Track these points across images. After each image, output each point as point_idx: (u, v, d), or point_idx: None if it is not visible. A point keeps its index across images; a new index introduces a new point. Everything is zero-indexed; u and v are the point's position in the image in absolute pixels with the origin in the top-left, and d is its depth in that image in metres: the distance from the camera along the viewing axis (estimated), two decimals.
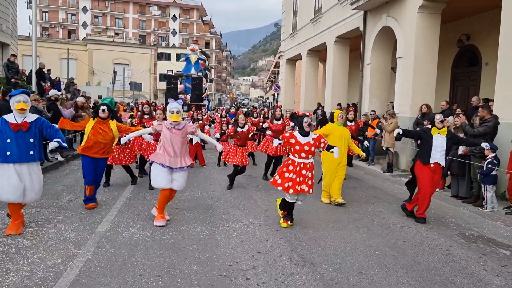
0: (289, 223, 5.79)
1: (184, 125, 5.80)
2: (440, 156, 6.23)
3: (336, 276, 4.19)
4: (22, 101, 5.06)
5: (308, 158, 5.66)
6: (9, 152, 4.97)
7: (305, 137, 5.67)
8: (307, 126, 5.69)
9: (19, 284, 3.77)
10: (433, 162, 6.22)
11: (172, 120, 5.62)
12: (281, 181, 5.64)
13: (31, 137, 5.13)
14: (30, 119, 5.20)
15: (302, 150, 5.62)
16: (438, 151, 6.22)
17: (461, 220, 6.58)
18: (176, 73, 26.68)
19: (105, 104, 6.48)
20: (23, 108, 5.05)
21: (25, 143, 5.06)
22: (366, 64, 14.09)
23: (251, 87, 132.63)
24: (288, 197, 5.74)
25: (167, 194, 5.71)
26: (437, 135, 6.26)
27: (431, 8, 10.86)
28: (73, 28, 67.70)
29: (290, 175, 5.62)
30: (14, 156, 4.99)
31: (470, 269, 4.53)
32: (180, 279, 3.99)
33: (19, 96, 5.08)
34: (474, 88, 13.08)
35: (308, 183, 5.65)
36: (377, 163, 12.03)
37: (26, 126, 5.09)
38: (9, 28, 20.43)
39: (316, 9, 19.23)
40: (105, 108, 6.39)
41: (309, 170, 5.68)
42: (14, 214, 5.19)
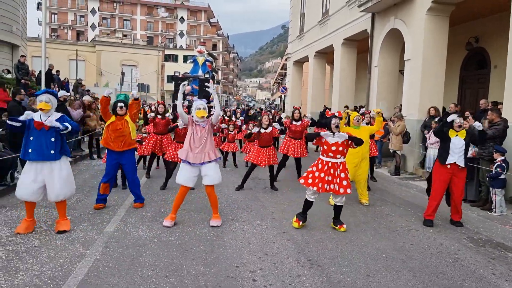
0: (301, 223, 5.81)
1: (207, 122, 5.84)
2: (458, 157, 6.14)
3: (343, 279, 4.18)
4: (44, 101, 5.14)
5: (337, 157, 5.65)
6: (30, 150, 5.08)
7: (333, 137, 5.66)
8: (334, 128, 5.67)
9: (28, 283, 3.80)
10: (450, 163, 6.17)
11: (199, 116, 5.69)
12: (312, 181, 5.64)
13: (52, 136, 5.18)
14: (53, 118, 5.24)
15: (330, 150, 5.62)
16: (456, 152, 6.15)
17: (470, 223, 6.53)
18: (183, 74, 26.72)
19: (121, 101, 6.52)
20: (42, 108, 5.13)
21: (46, 142, 5.12)
22: (373, 66, 14.05)
23: (258, 89, 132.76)
24: (308, 194, 5.78)
25: (183, 192, 5.77)
26: (456, 137, 6.20)
27: (440, 10, 10.81)
28: (82, 29, 68.22)
29: (321, 174, 5.62)
30: (34, 154, 5.08)
31: (478, 273, 4.50)
32: (187, 280, 4.00)
33: (41, 96, 5.17)
34: (483, 91, 12.99)
35: (343, 183, 5.60)
36: (384, 165, 11.99)
37: (47, 125, 5.16)
38: (19, 29, 20.63)
39: (324, 11, 19.23)
40: (123, 105, 6.44)
41: (342, 171, 5.66)
42: (28, 211, 5.31)
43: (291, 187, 8.82)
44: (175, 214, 5.83)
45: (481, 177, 7.60)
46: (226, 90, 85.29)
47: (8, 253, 4.50)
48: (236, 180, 9.21)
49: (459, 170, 6.21)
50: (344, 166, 5.74)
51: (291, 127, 9.35)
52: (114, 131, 6.35)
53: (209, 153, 5.80)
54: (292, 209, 6.91)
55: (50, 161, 5.17)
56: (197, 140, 5.73)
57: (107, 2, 69.06)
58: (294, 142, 9.32)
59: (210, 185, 5.82)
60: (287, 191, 8.42)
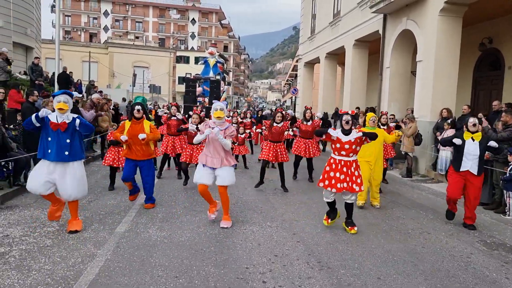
0: (330, 220, 5.89)
1: (227, 127, 5.87)
2: (472, 164, 5.99)
3: (353, 282, 4.15)
4: (63, 101, 5.19)
5: (349, 156, 5.62)
6: (50, 150, 5.16)
7: (346, 136, 5.62)
8: (345, 124, 5.64)
9: (40, 282, 3.85)
10: (464, 171, 6.04)
11: (216, 116, 5.74)
12: (328, 182, 5.65)
13: (68, 138, 5.23)
14: (69, 119, 5.29)
15: (343, 148, 5.59)
16: (469, 158, 6.00)
17: (483, 227, 6.44)
18: (195, 76, 26.85)
19: (139, 103, 6.52)
20: (61, 108, 5.18)
21: (61, 143, 5.18)
22: (385, 67, 13.96)
23: (268, 90, 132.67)
24: (325, 196, 5.80)
25: (203, 189, 5.86)
26: (470, 140, 6.06)
27: (453, 11, 10.70)
28: (95, 31, 68.98)
29: (336, 174, 5.61)
30: (52, 155, 5.16)
31: (491, 277, 4.43)
32: (197, 281, 4.02)
33: (60, 97, 5.23)
34: (496, 92, 12.82)
35: (357, 181, 5.60)
36: (396, 167, 11.90)
37: (64, 127, 5.21)
38: (33, 32, 20.96)
39: (335, 13, 19.16)
40: (140, 108, 6.44)
41: (355, 169, 5.65)
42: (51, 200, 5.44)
43: (301, 188, 8.80)
44: (212, 204, 6.03)
45: (495, 180, 7.49)
46: (237, 91, 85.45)
47: (21, 253, 4.56)
48: (246, 182, 9.23)
49: (473, 177, 6.07)
50: (357, 164, 5.72)
51: (302, 127, 9.39)
52: (131, 138, 6.35)
53: (227, 159, 5.87)
54: (302, 210, 6.90)
55: (64, 162, 5.23)
56: (214, 146, 5.79)
57: (120, 4, 69.74)
58: (306, 142, 9.34)
59: (222, 186, 5.84)
60: (298, 192, 8.40)
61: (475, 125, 6.08)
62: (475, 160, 6.01)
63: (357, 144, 5.64)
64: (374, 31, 14.75)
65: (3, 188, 7.01)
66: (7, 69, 13.37)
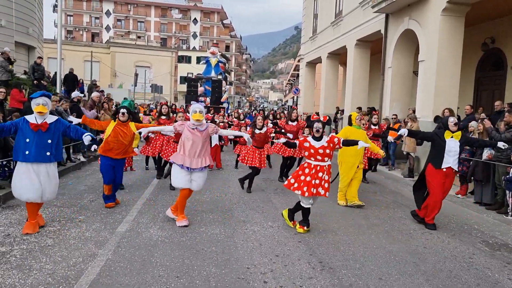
0: (306, 228, 5.71)
1: (206, 127, 5.86)
2: (453, 160, 6.06)
3: (355, 282, 4.14)
4: (42, 104, 5.17)
5: (325, 160, 5.63)
6: (28, 152, 5.08)
7: (318, 141, 5.67)
8: (315, 132, 5.72)
9: (41, 282, 3.85)
10: (446, 167, 6.06)
11: (195, 119, 5.69)
12: (298, 185, 5.60)
13: (49, 138, 5.21)
14: (49, 120, 5.29)
15: (317, 153, 5.61)
16: (451, 155, 6.05)
17: (485, 227, 6.42)
18: (196, 75, 26.89)
19: (124, 107, 6.61)
20: (41, 111, 5.14)
21: (42, 143, 5.15)
22: (387, 67, 13.93)
23: (270, 90, 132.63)
24: (304, 202, 5.69)
25: (186, 194, 5.79)
26: (451, 139, 6.10)
27: (455, 10, 10.67)
28: (97, 31, 69.04)
29: (306, 178, 5.57)
30: (31, 155, 5.09)
31: (493, 277, 4.41)
32: (198, 281, 4.01)
33: (39, 99, 5.19)
34: (499, 92, 12.79)
35: (325, 186, 5.60)
36: (397, 168, 11.87)
37: (45, 127, 5.19)
38: (35, 31, 20.97)
39: (337, 12, 19.13)
40: (125, 111, 6.48)
41: (326, 173, 5.64)
42: (32, 214, 5.29)
43: None
44: (183, 214, 5.85)
45: (497, 180, 7.46)
46: (239, 91, 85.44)
47: (22, 252, 4.56)
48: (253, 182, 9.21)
49: (452, 173, 6.14)
50: (329, 169, 5.71)
51: (286, 127, 9.41)
52: (115, 137, 6.37)
53: (205, 159, 5.83)
54: None
55: (45, 163, 5.19)
56: (195, 145, 5.70)
57: (122, 4, 69.79)
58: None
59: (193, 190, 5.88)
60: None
61: (456, 124, 6.15)
62: (456, 157, 6.10)
63: (330, 149, 5.66)
64: (376, 31, 14.72)
65: (5, 188, 7.00)
66: (8, 68, 13.39)
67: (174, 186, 5.90)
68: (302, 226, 5.74)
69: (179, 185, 5.76)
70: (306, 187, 5.52)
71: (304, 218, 5.78)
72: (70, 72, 17.15)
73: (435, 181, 6.11)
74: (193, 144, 5.70)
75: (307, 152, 5.67)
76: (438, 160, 6.11)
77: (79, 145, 10.74)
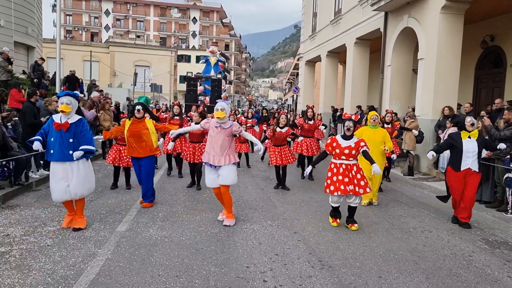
0: (338, 221, 5.97)
1: (230, 125, 5.87)
2: (472, 161, 6.03)
3: (354, 280, 4.13)
4: (65, 103, 5.27)
5: (349, 160, 5.71)
6: (52, 151, 5.22)
7: (346, 141, 5.73)
8: (346, 130, 5.76)
9: (41, 282, 3.84)
10: (465, 169, 6.06)
11: (217, 117, 5.74)
12: (327, 185, 5.74)
13: (71, 137, 5.28)
14: (72, 120, 5.36)
15: (342, 153, 5.69)
16: (469, 156, 6.03)
17: (484, 225, 6.42)
18: (196, 75, 26.87)
19: (140, 103, 6.63)
20: (63, 110, 5.26)
21: (64, 143, 5.24)
22: (386, 65, 13.92)
23: (270, 89, 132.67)
24: (331, 201, 5.87)
25: (217, 192, 5.94)
26: (468, 139, 6.08)
27: (454, 8, 10.66)
28: (96, 31, 68.98)
29: (334, 178, 5.68)
30: (55, 154, 5.21)
31: (493, 275, 4.41)
32: (198, 280, 4.00)
33: (63, 98, 5.31)
34: (499, 90, 12.77)
35: (360, 183, 5.68)
36: (397, 166, 11.87)
37: (66, 127, 5.26)
38: (34, 31, 20.95)
39: (336, 11, 19.12)
40: (140, 108, 6.52)
41: (356, 172, 5.72)
42: (68, 208, 5.52)
43: (302, 187, 8.79)
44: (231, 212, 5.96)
45: (497, 178, 7.46)
46: (239, 90, 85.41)
47: (22, 252, 4.56)
48: (248, 181, 9.21)
49: (473, 174, 6.10)
50: (358, 167, 5.77)
51: (305, 126, 9.46)
52: (132, 136, 6.46)
53: (230, 157, 5.86)
54: (303, 209, 6.88)
55: (69, 161, 5.27)
56: (218, 142, 5.78)
57: (121, 4, 69.72)
58: (307, 140, 9.41)
59: (224, 185, 5.84)
60: (299, 191, 8.38)
61: (473, 124, 6.11)
62: (475, 158, 6.06)
63: (357, 150, 5.72)
64: (375, 29, 14.71)
65: (4, 188, 7.00)
66: (8, 68, 13.38)
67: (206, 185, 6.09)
68: (335, 219, 5.99)
69: (208, 185, 5.98)
70: (338, 186, 5.62)
71: (350, 216, 5.93)
72: (71, 74, 17.33)
73: (453, 184, 6.20)
74: (217, 141, 5.77)
75: (334, 151, 5.77)
76: (457, 163, 6.11)
77: None
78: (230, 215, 5.94)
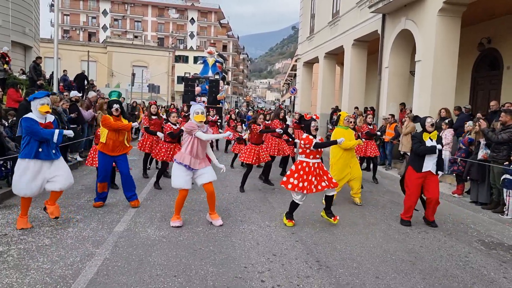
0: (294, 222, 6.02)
1: (206, 129, 5.91)
2: (432, 164, 6.07)
3: (352, 281, 4.16)
4: (46, 104, 5.33)
5: (317, 158, 5.87)
6: (41, 149, 5.24)
7: (314, 139, 5.84)
8: (314, 130, 5.87)
9: (39, 281, 3.85)
10: (425, 171, 6.08)
11: (198, 120, 5.72)
12: (296, 182, 5.73)
13: None
14: (51, 119, 5.48)
15: (317, 151, 5.82)
16: (430, 159, 6.07)
17: (481, 226, 6.46)
18: (194, 75, 26.83)
19: (117, 102, 6.55)
20: (48, 111, 5.32)
21: (50, 142, 5.31)
22: (384, 67, 13.97)
23: (267, 90, 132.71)
24: (297, 198, 5.89)
25: (184, 195, 5.77)
26: (429, 140, 6.12)
27: (451, 11, 10.71)
28: (94, 31, 68.88)
29: (308, 177, 5.73)
30: (43, 153, 5.25)
31: (489, 276, 4.44)
32: (196, 280, 4.02)
33: (44, 99, 5.32)
34: (495, 92, 12.84)
35: (328, 176, 5.86)
36: (394, 167, 11.90)
37: (51, 127, 5.39)
38: (32, 31, 20.93)
39: (334, 12, 19.16)
40: (118, 106, 6.49)
41: (321, 168, 5.89)
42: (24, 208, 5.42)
43: None
44: (179, 215, 5.83)
45: (492, 180, 7.50)
46: (236, 91, 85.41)
47: (20, 252, 4.56)
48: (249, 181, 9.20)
49: (432, 176, 6.13)
50: (322, 164, 5.96)
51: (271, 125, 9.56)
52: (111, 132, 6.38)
53: (206, 162, 5.89)
54: (301, 210, 6.87)
55: (51, 160, 5.34)
56: (198, 146, 5.74)
57: (119, 4, 69.66)
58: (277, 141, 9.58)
59: (208, 183, 5.80)
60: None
61: (432, 125, 6.17)
62: (435, 160, 6.11)
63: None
64: (373, 31, 14.76)
65: (2, 187, 7.00)
66: (1, 67, 13.37)
67: (173, 186, 5.79)
68: (290, 220, 6.00)
69: (178, 185, 5.69)
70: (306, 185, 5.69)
71: (328, 207, 6.06)
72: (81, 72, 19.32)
73: (413, 185, 6.15)
74: (197, 145, 5.73)
75: (308, 150, 5.80)
76: (419, 163, 6.12)
77: (76, 144, 10.72)
78: (216, 214, 5.92)
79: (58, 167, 5.41)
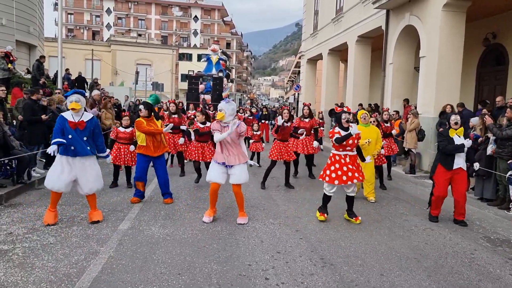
0: (326, 216, 6.07)
1: (238, 124, 5.77)
2: (462, 160, 6.09)
3: (356, 278, 4.14)
4: (74, 101, 5.42)
5: (352, 150, 5.90)
6: (73, 147, 5.37)
7: (346, 132, 5.82)
8: (345, 122, 5.89)
9: (43, 280, 3.86)
10: (456, 168, 6.08)
11: (217, 118, 5.79)
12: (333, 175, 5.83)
13: (85, 135, 5.50)
14: (86, 118, 5.58)
15: (348, 144, 5.81)
16: (460, 155, 6.06)
17: (486, 223, 6.42)
18: (197, 73, 26.83)
19: (143, 103, 6.84)
20: (74, 108, 5.41)
21: (81, 140, 5.44)
22: (388, 63, 13.90)
23: (271, 87, 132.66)
24: (327, 190, 5.97)
25: (215, 188, 5.88)
26: (456, 136, 6.11)
27: (456, 6, 10.63)
28: (97, 29, 69.04)
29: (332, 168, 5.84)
30: (74, 150, 5.38)
31: (495, 273, 4.41)
32: (200, 278, 4.02)
33: (71, 97, 5.46)
34: (501, 87, 12.74)
35: (359, 171, 5.93)
36: (399, 164, 11.86)
37: (82, 125, 5.49)
38: (36, 30, 20.99)
39: (338, 9, 19.09)
40: (142, 107, 6.71)
41: (355, 160, 5.93)
42: (53, 202, 5.55)
43: (304, 185, 8.79)
44: (213, 209, 5.99)
45: (498, 176, 7.44)
46: (240, 88, 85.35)
47: (25, 250, 4.58)
48: (250, 179, 9.17)
49: (462, 172, 6.14)
50: (356, 157, 6.01)
51: (301, 124, 9.35)
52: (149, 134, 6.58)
53: (239, 157, 5.86)
54: (305, 207, 6.88)
55: (82, 157, 5.46)
56: (230, 144, 5.80)
57: (122, 2, 69.74)
58: (303, 139, 9.31)
59: (237, 184, 5.86)
60: (301, 189, 8.39)
61: (456, 123, 6.15)
62: (464, 156, 6.11)
63: (357, 139, 5.92)
64: (377, 27, 14.68)
65: (7, 186, 7.03)
66: (6, 67, 13.41)
67: (207, 180, 6.01)
68: (322, 213, 6.09)
69: (210, 178, 5.87)
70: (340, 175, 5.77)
71: (325, 205, 6.14)
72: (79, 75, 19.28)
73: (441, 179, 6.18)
74: (228, 143, 5.80)
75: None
76: (450, 161, 6.11)
77: None
78: (243, 213, 6.01)
79: (87, 169, 5.52)
